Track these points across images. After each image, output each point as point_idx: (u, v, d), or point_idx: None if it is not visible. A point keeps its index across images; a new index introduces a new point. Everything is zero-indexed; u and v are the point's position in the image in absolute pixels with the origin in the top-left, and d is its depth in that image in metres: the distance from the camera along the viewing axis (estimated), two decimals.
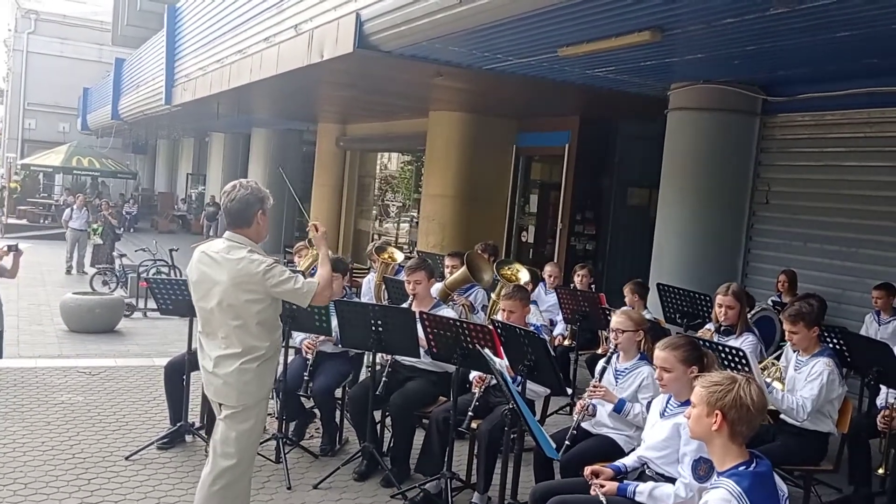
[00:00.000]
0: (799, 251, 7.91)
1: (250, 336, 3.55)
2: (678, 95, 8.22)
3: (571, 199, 11.79)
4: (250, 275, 3.51)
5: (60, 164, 27.25)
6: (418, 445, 4.91)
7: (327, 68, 8.76)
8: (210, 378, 3.62)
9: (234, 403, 3.56)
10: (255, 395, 3.59)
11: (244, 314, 3.53)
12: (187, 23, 15.15)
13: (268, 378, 3.67)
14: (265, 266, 3.52)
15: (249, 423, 3.60)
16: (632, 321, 4.22)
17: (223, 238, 3.66)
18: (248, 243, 3.60)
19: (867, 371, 4.88)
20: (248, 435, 3.60)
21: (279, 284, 3.54)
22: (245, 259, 3.53)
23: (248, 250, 3.57)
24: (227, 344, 3.55)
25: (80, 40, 34.67)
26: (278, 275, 3.54)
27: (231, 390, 3.55)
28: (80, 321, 9.27)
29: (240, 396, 3.55)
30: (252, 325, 3.54)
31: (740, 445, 2.55)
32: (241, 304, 3.52)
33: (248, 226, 3.61)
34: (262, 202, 3.63)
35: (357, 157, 18.36)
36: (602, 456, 3.85)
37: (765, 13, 5.11)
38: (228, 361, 3.54)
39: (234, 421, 3.58)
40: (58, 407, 5.93)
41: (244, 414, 3.58)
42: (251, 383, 3.55)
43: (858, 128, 7.42)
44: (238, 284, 3.51)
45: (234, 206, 3.59)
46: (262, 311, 3.56)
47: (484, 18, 6.02)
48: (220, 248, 3.60)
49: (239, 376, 3.53)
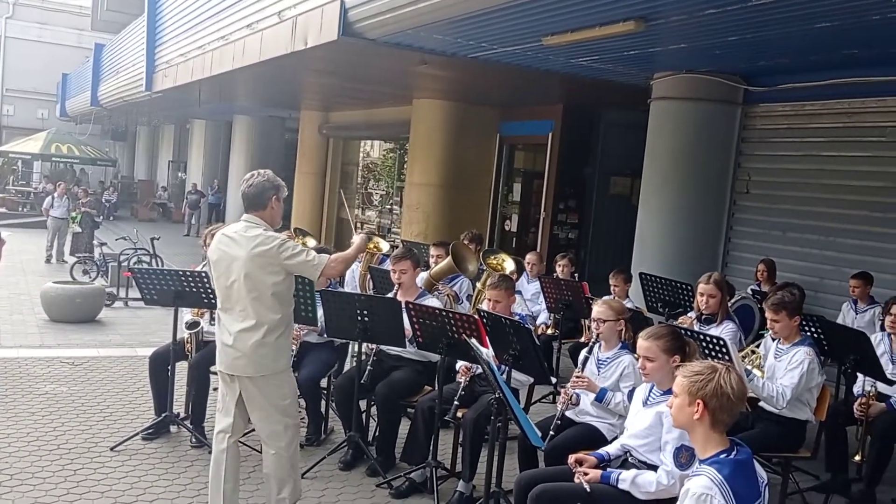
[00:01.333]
0: (778, 240, 8.01)
1: (265, 307, 3.79)
2: (661, 85, 8.27)
3: (554, 187, 11.83)
4: (266, 248, 3.77)
5: (39, 151, 26.89)
6: (404, 434, 4.95)
7: (311, 56, 8.73)
8: (228, 352, 3.85)
9: (254, 374, 3.82)
10: (270, 367, 3.84)
11: (260, 286, 3.78)
12: (168, 8, 14.99)
13: (284, 350, 3.92)
14: (279, 240, 3.80)
15: (283, 389, 3.91)
16: (613, 311, 4.26)
17: (242, 219, 3.92)
18: (263, 224, 3.87)
19: (844, 359, 4.97)
20: (287, 396, 3.94)
21: (292, 257, 3.79)
22: (261, 235, 3.81)
23: (264, 228, 3.85)
24: (244, 316, 3.80)
25: (59, 25, 34.17)
26: (291, 248, 3.81)
27: (250, 363, 3.81)
28: (60, 311, 9.20)
29: (258, 368, 3.82)
30: (267, 297, 3.79)
31: (721, 433, 2.61)
32: (257, 277, 3.78)
33: (263, 209, 3.89)
34: (277, 189, 3.91)
35: (340, 145, 18.29)
36: (585, 444, 3.91)
37: (746, 4, 5.15)
38: (247, 335, 3.79)
39: (269, 389, 3.86)
40: (42, 397, 5.91)
41: (272, 383, 3.86)
42: (267, 356, 3.82)
43: (838, 118, 7.50)
44: (255, 258, 3.77)
45: (250, 191, 3.88)
46: (277, 283, 3.81)
47: (469, 7, 6.03)
48: (238, 228, 3.89)
49: (257, 349, 3.79)
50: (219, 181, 24.15)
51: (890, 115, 7.08)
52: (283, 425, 3.92)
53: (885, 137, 7.14)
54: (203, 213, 23.58)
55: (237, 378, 3.87)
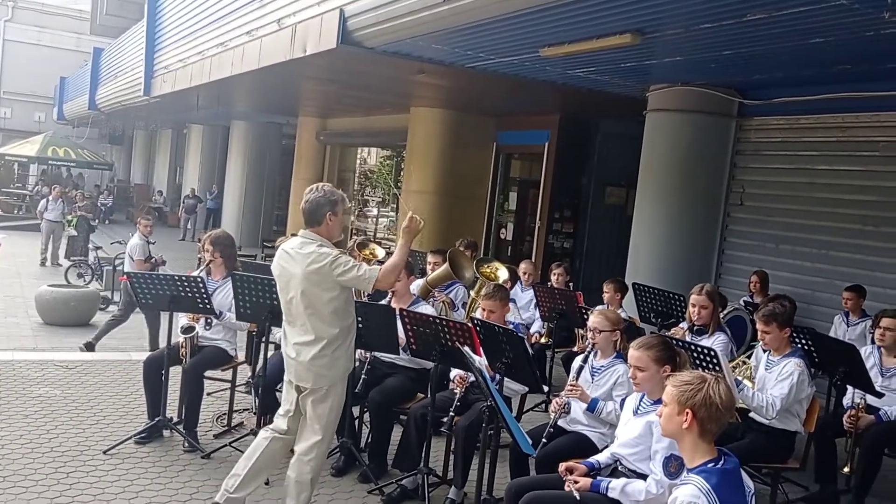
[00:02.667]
0: (771, 252, 8.06)
1: (323, 323, 3.91)
2: (656, 97, 8.33)
3: (550, 197, 11.89)
4: (320, 266, 3.86)
5: (36, 153, 26.90)
6: (396, 441, 4.96)
7: (310, 63, 8.77)
8: (292, 364, 4.00)
9: (312, 385, 3.96)
10: (329, 378, 3.97)
11: (317, 303, 3.89)
12: (168, 13, 15.04)
13: (341, 362, 4.01)
14: (332, 257, 3.87)
15: (328, 402, 4.00)
16: (609, 321, 4.29)
17: (299, 235, 4.01)
18: (318, 239, 3.94)
19: (834, 371, 5.01)
20: (328, 413, 4.01)
21: (344, 273, 3.86)
22: (314, 253, 3.88)
23: (318, 245, 3.92)
24: (304, 331, 3.93)
25: (58, 29, 34.24)
26: (343, 264, 3.88)
27: (309, 374, 3.94)
28: (55, 314, 9.21)
29: (316, 379, 3.95)
30: (325, 314, 3.91)
31: (709, 443, 2.64)
32: (313, 294, 3.88)
33: (319, 224, 3.96)
34: (333, 205, 3.96)
35: (337, 152, 18.34)
36: (576, 452, 3.93)
37: (741, 19, 5.21)
38: (307, 349, 3.92)
39: (316, 402, 3.98)
40: (35, 400, 5.92)
41: (322, 394, 3.97)
42: (325, 367, 3.94)
43: (831, 132, 7.57)
44: (309, 275, 3.87)
45: (307, 207, 3.97)
46: (333, 299, 3.91)
47: (467, 18, 6.07)
48: (296, 244, 3.97)
49: (314, 361, 3.91)
50: (216, 187, 24.17)
51: (883, 129, 7.15)
52: (319, 436, 3.99)
53: (877, 152, 7.20)
54: (200, 217, 23.58)
55: (299, 386, 4.01)
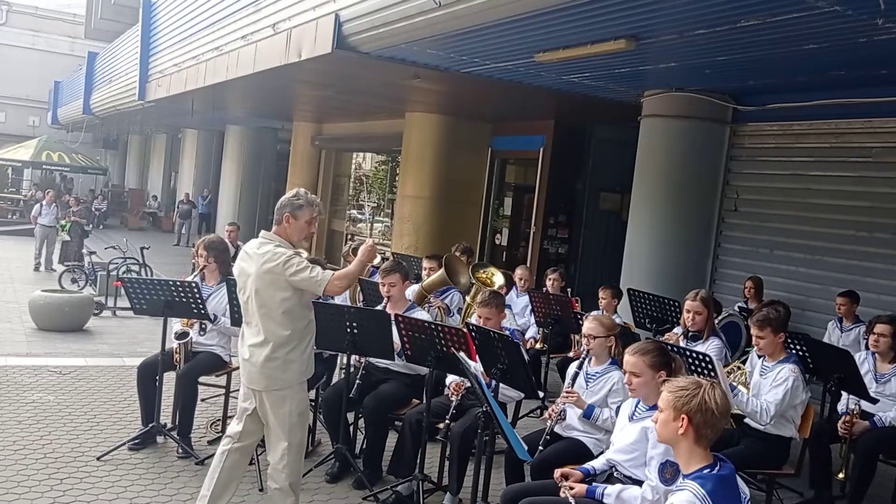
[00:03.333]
0: (765, 258, 8.08)
1: (274, 323, 3.86)
2: (651, 102, 8.36)
3: (545, 202, 11.90)
4: (272, 265, 3.83)
5: (30, 158, 26.81)
6: (391, 447, 4.95)
7: (305, 68, 8.77)
8: (245, 365, 3.96)
9: (264, 388, 3.90)
10: (283, 381, 3.90)
11: (269, 302, 3.85)
12: (163, 18, 15.03)
13: (295, 366, 3.93)
14: (285, 257, 3.84)
15: (287, 406, 3.92)
16: (603, 327, 4.29)
17: (260, 235, 4.01)
18: (277, 240, 3.92)
19: (829, 377, 5.02)
20: (289, 417, 3.93)
21: (296, 273, 3.81)
22: (269, 252, 3.87)
23: (275, 245, 3.90)
24: (257, 332, 3.90)
25: (52, 33, 34.18)
26: (296, 264, 3.83)
27: (261, 377, 3.90)
28: (48, 319, 9.17)
29: (269, 382, 3.89)
30: (276, 314, 3.85)
31: (705, 449, 2.63)
32: (266, 293, 3.85)
33: (278, 224, 3.97)
34: (294, 208, 3.94)
35: (332, 157, 18.33)
36: (572, 458, 3.92)
37: (735, 25, 5.23)
38: (258, 350, 3.88)
39: (274, 406, 3.92)
40: (28, 406, 5.89)
41: (278, 399, 3.91)
42: (278, 370, 3.88)
43: (824, 138, 7.60)
44: (262, 275, 3.85)
45: (277, 208, 3.99)
46: (286, 300, 3.85)
47: (462, 23, 6.08)
48: (255, 244, 3.98)
49: (266, 364, 3.87)
50: (209, 191, 24.12)
51: (876, 135, 7.18)
52: (286, 442, 3.93)
53: (871, 158, 7.23)
54: (194, 223, 23.53)
55: (254, 390, 3.96)
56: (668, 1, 4.98)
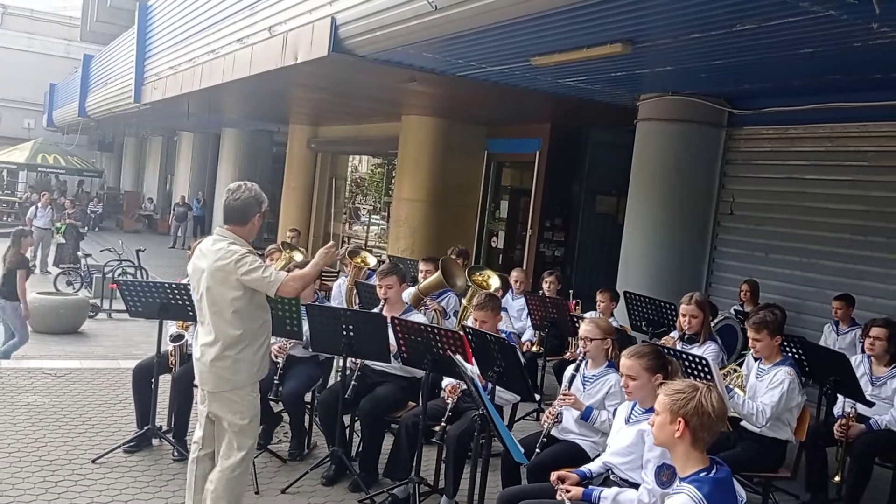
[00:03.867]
0: (761, 261, 8.10)
1: (224, 322, 3.74)
2: (647, 106, 8.37)
3: (541, 205, 11.91)
4: (224, 263, 3.72)
5: (25, 160, 26.77)
6: (387, 450, 4.95)
7: (301, 71, 8.77)
8: (196, 365, 3.87)
9: (212, 389, 3.78)
10: (232, 382, 3.76)
11: (220, 301, 3.74)
12: (159, 21, 15.02)
13: (243, 368, 3.79)
14: (238, 255, 3.72)
15: (237, 409, 3.78)
16: (600, 329, 4.29)
17: (214, 232, 3.91)
18: (232, 237, 3.81)
19: (825, 380, 5.03)
20: (239, 421, 3.79)
21: (248, 273, 3.71)
22: (223, 249, 3.75)
23: (230, 242, 3.78)
24: (209, 331, 3.78)
25: (48, 35, 34.16)
26: (248, 263, 3.72)
27: (210, 377, 3.77)
28: (44, 321, 9.16)
29: (217, 382, 3.77)
30: (227, 313, 3.74)
31: (702, 452, 2.64)
32: (217, 291, 3.74)
33: (244, 224, 3.86)
34: (261, 206, 3.89)
35: (328, 160, 18.33)
36: (568, 461, 3.92)
37: (731, 29, 5.25)
38: (209, 349, 3.76)
39: (223, 408, 3.79)
40: (23, 408, 5.87)
41: (227, 401, 3.78)
42: (227, 370, 3.75)
43: (820, 142, 7.62)
44: (214, 272, 3.74)
45: (236, 205, 3.83)
46: (237, 299, 3.74)
47: (458, 27, 6.09)
48: (209, 241, 3.88)
49: (215, 363, 3.74)
50: (203, 194, 24.10)
51: (871, 139, 7.20)
52: (235, 445, 3.79)
53: (866, 162, 7.25)
54: (190, 225, 23.51)
55: (205, 391, 3.85)
56: (664, 5, 5.00)
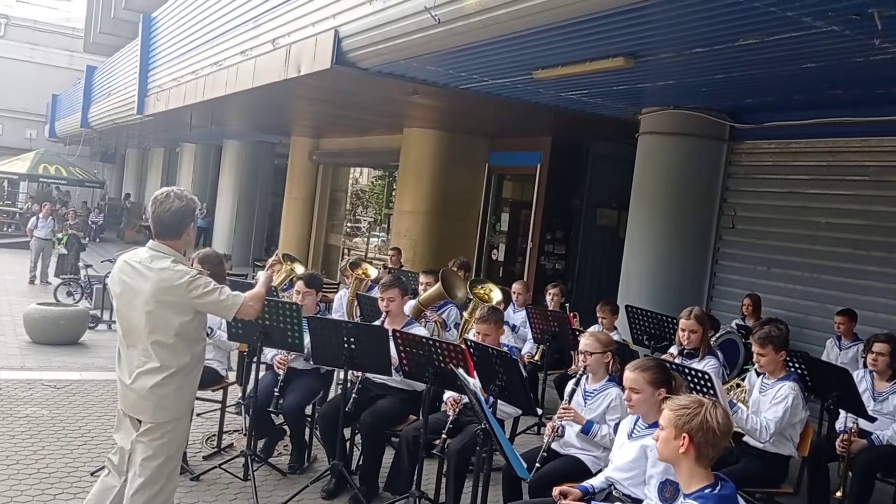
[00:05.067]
0: (763, 275, 8.08)
1: (168, 350, 3.44)
2: (648, 120, 8.39)
3: (542, 218, 11.91)
4: (173, 285, 3.41)
5: (26, 171, 26.79)
6: (388, 464, 4.92)
7: (304, 83, 8.79)
8: (126, 392, 3.49)
9: (150, 420, 3.46)
10: (171, 412, 3.48)
11: (164, 327, 3.42)
12: (162, 33, 15.07)
13: (186, 394, 3.55)
14: (189, 277, 3.43)
15: (167, 439, 3.49)
16: (600, 343, 4.28)
17: (146, 247, 3.55)
18: (172, 253, 3.51)
19: (827, 396, 5.01)
20: (167, 451, 3.49)
21: (203, 296, 3.45)
22: (168, 269, 3.43)
23: (172, 260, 3.48)
24: (147, 358, 3.44)
25: (50, 46, 34.26)
26: (203, 286, 3.44)
27: (147, 405, 3.44)
28: (43, 332, 9.12)
29: (155, 412, 3.45)
30: (171, 338, 3.43)
31: (706, 468, 2.62)
32: (161, 316, 3.42)
33: (178, 237, 3.55)
34: (193, 214, 3.61)
35: (329, 172, 18.36)
36: (570, 476, 3.90)
37: (733, 44, 5.27)
38: (147, 377, 3.43)
39: (154, 439, 3.47)
40: (22, 420, 5.84)
41: (159, 431, 3.47)
42: (168, 398, 3.45)
43: (822, 156, 7.62)
44: (160, 295, 3.41)
45: (167, 217, 3.51)
46: (184, 324, 3.45)
47: (461, 40, 6.11)
48: (143, 257, 3.50)
49: (155, 391, 3.42)
50: (206, 205, 24.12)
51: (872, 154, 7.21)
52: (158, 475, 3.46)
53: (867, 176, 7.26)
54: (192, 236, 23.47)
55: (134, 420, 3.51)
56: (667, 20, 5.01)
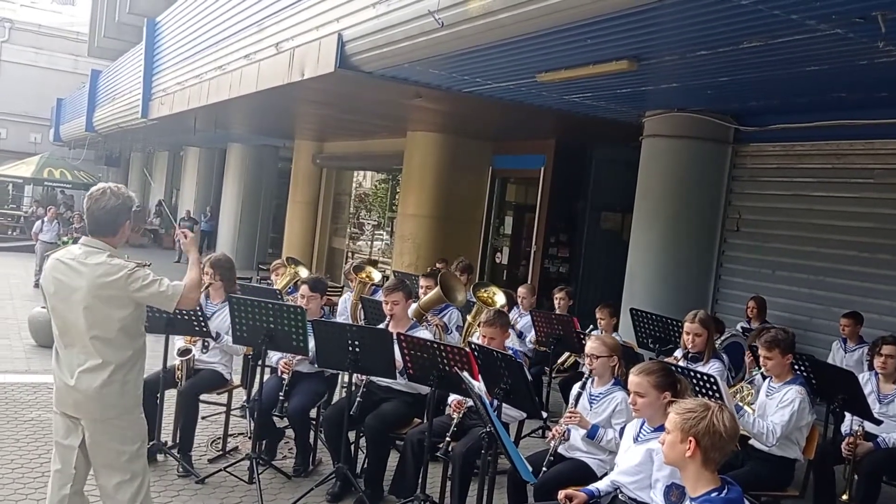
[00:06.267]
0: (768, 278, 8.06)
1: (109, 345, 3.38)
2: (652, 123, 8.38)
3: (546, 221, 11.90)
4: (111, 279, 3.35)
5: (31, 175, 26.85)
6: (392, 467, 4.92)
7: (307, 87, 8.80)
8: (70, 393, 3.40)
9: (98, 418, 3.39)
10: (120, 408, 3.42)
11: (104, 322, 3.36)
12: (167, 37, 15.11)
13: (131, 389, 3.46)
14: (127, 270, 3.37)
15: (125, 434, 3.44)
16: (606, 347, 4.28)
17: (79, 244, 3.49)
18: (107, 248, 3.44)
19: (833, 398, 4.99)
20: (129, 446, 3.44)
21: (143, 288, 3.39)
22: (104, 264, 3.37)
23: (108, 255, 3.42)
24: (87, 355, 3.37)
25: (55, 50, 34.34)
26: (142, 278, 3.39)
27: (94, 404, 3.38)
28: (48, 336, 9.05)
29: (104, 411, 3.39)
30: (113, 333, 3.38)
31: (713, 472, 2.61)
32: (101, 312, 3.36)
33: (114, 234, 3.49)
34: (130, 211, 3.54)
35: (333, 175, 18.37)
36: (575, 480, 3.90)
37: (737, 47, 5.26)
38: (91, 375, 3.35)
39: (108, 436, 3.41)
40: (27, 424, 5.85)
41: (113, 427, 3.41)
42: (115, 395, 3.39)
43: (826, 159, 7.61)
44: (97, 290, 3.35)
45: (101, 215, 3.44)
46: (125, 318, 3.39)
47: (464, 43, 6.11)
48: (77, 254, 3.43)
49: (102, 389, 3.35)
50: (211, 208, 24.16)
51: (877, 157, 7.19)
52: (129, 474, 3.43)
53: (872, 179, 7.24)
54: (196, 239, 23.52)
55: (81, 421, 3.42)
56: (671, 23, 5.01)
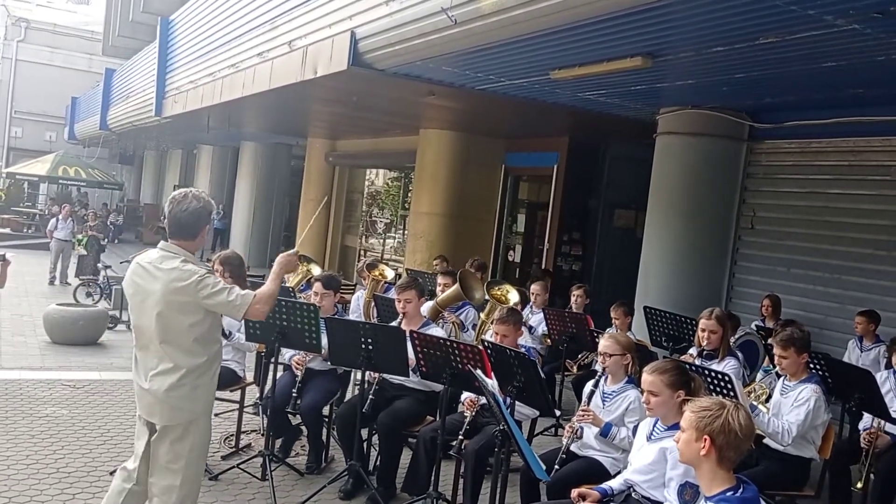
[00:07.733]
0: (783, 276, 8.00)
1: (182, 351, 3.41)
2: (667, 120, 8.33)
3: (559, 219, 11.86)
4: (182, 285, 3.38)
5: (46, 173, 27.07)
6: (405, 464, 4.91)
7: (320, 85, 8.81)
8: (143, 394, 3.48)
9: (168, 422, 3.44)
10: (188, 413, 3.45)
11: (175, 327, 3.40)
12: (180, 35, 15.17)
13: (202, 395, 3.50)
14: (198, 276, 3.39)
15: (188, 441, 3.47)
16: (619, 345, 4.26)
17: (158, 248, 3.55)
18: (182, 253, 3.49)
19: (849, 397, 4.95)
20: (188, 453, 3.47)
21: (212, 296, 3.40)
22: (177, 269, 3.41)
23: (182, 260, 3.46)
24: (160, 359, 3.41)
25: (70, 49, 34.57)
26: (211, 286, 3.40)
27: (163, 407, 3.42)
28: (63, 333, 9.20)
29: (173, 414, 3.43)
30: (183, 338, 3.41)
31: (728, 471, 2.59)
32: (172, 317, 3.39)
33: (193, 238, 3.55)
34: (210, 216, 3.59)
35: (346, 173, 18.40)
36: (588, 478, 3.88)
37: (753, 43, 5.21)
38: (162, 378, 3.40)
39: (174, 440, 3.46)
40: (42, 420, 5.89)
41: (180, 432, 3.46)
42: (184, 399, 3.42)
43: (843, 156, 7.53)
44: (169, 295, 3.39)
45: (184, 217, 3.50)
46: (196, 324, 3.42)
47: (478, 40, 6.09)
48: (154, 258, 3.50)
49: (171, 392, 3.39)
50: (224, 206, 24.26)
51: (894, 154, 7.11)
52: (180, 479, 3.45)
53: (889, 176, 7.16)
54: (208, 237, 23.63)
55: (151, 424, 3.51)
56: (686, 19, 4.97)
